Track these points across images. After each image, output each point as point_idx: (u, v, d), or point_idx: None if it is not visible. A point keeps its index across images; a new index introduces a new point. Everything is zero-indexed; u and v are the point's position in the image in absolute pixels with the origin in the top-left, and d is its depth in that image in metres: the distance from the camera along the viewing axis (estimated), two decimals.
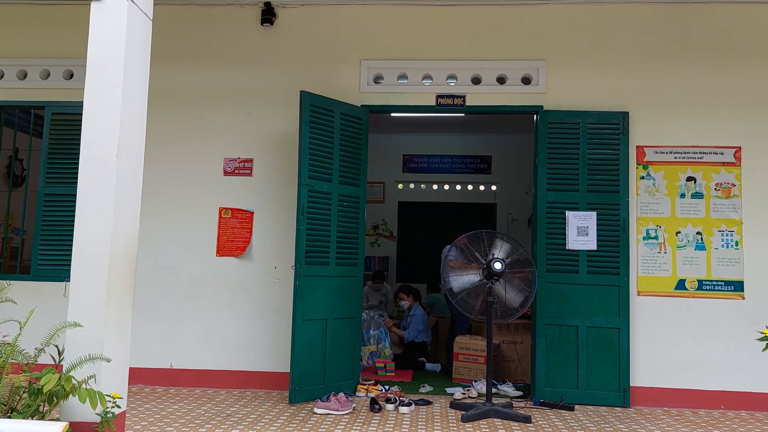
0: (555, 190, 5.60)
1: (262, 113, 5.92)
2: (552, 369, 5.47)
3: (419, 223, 10.46)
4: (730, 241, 5.50)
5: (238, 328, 5.76)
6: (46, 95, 5.96)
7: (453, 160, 10.31)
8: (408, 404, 5.04)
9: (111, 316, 3.66)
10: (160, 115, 5.82)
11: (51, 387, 3.19)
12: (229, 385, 5.69)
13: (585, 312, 5.47)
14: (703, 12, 5.71)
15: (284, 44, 5.97)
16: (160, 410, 4.83)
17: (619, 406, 5.34)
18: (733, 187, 5.55)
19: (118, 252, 3.72)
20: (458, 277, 5.19)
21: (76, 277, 3.65)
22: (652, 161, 5.64)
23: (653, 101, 5.68)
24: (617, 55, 5.76)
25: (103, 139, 3.72)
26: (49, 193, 5.76)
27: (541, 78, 5.77)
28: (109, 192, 3.69)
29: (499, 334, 6.45)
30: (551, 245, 5.56)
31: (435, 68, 5.86)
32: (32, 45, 6.06)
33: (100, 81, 3.75)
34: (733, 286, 5.46)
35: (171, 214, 5.87)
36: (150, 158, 5.62)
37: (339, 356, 5.45)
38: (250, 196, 5.87)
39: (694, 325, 5.47)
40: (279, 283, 5.74)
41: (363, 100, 5.84)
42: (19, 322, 3.37)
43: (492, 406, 4.90)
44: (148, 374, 5.74)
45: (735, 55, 5.67)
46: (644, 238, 5.57)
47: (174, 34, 5.97)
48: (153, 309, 5.79)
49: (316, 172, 5.34)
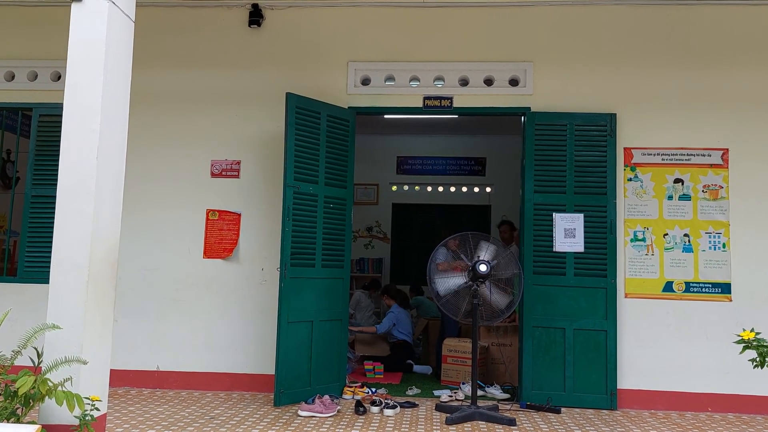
0: (542, 191, 5.59)
1: (250, 115, 5.91)
2: (539, 371, 5.45)
3: (413, 224, 10.46)
4: (718, 243, 5.49)
5: (225, 330, 5.75)
6: (33, 97, 5.97)
7: (447, 162, 10.30)
8: (393, 407, 5.03)
9: (91, 318, 3.64)
10: (147, 117, 5.84)
11: (27, 389, 3.18)
12: (216, 387, 5.68)
13: (572, 314, 5.46)
14: (691, 13, 5.71)
15: (272, 46, 5.97)
16: (144, 413, 4.82)
17: (606, 409, 5.32)
18: (721, 189, 5.54)
19: (98, 254, 3.71)
20: (444, 279, 5.18)
21: (56, 279, 3.64)
22: (639, 163, 5.63)
23: (641, 103, 5.67)
24: (605, 57, 5.75)
25: (83, 141, 3.70)
26: (36, 194, 5.77)
27: (529, 80, 5.76)
28: (89, 193, 3.68)
29: (487, 336, 6.44)
30: (538, 247, 5.55)
31: (422, 70, 5.86)
32: (19, 47, 6.06)
33: (80, 81, 3.74)
34: (721, 288, 5.44)
35: (158, 216, 5.86)
36: (137, 159, 5.69)
37: (325, 358, 5.44)
38: (237, 198, 5.86)
39: (682, 328, 5.45)
40: (266, 285, 5.73)
41: (350, 102, 5.83)
42: None
43: (477, 408, 4.88)
44: (135, 376, 5.73)
45: (722, 57, 5.66)
46: (632, 240, 5.56)
47: (161, 35, 5.97)
48: (139, 311, 5.78)
49: (302, 174, 5.33)
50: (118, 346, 5.46)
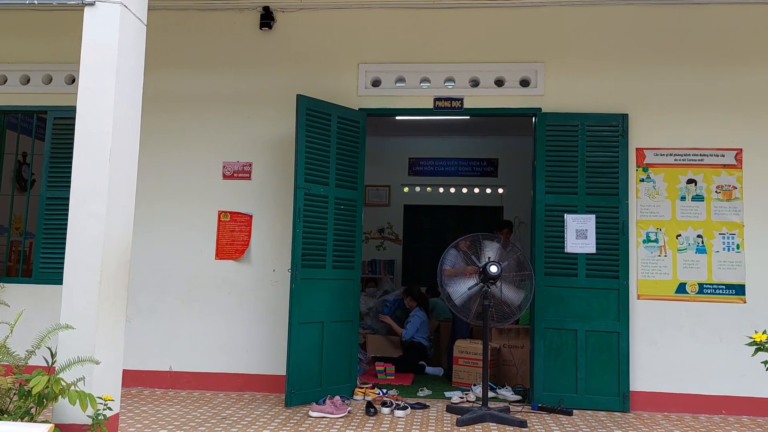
0: (553, 192, 5.57)
1: (262, 117, 5.94)
2: (550, 373, 5.42)
3: (425, 226, 10.45)
4: (732, 244, 5.44)
5: (237, 330, 5.78)
6: (48, 100, 6.04)
7: (459, 163, 10.28)
8: (404, 408, 5.03)
9: (103, 318, 3.68)
10: (159, 119, 5.89)
11: (40, 389, 3.22)
12: (228, 387, 5.71)
13: (584, 316, 5.43)
14: (703, 13, 5.66)
15: (283, 48, 6.00)
16: (156, 413, 4.86)
17: (619, 411, 5.29)
18: (734, 189, 5.48)
19: (110, 255, 3.75)
20: (454, 281, 5.17)
21: (69, 280, 3.69)
22: (652, 163, 5.59)
23: (653, 103, 5.63)
24: (616, 57, 5.72)
25: (96, 143, 3.74)
26: (51, 196, 5.84)
27: (540, 80, 5.74)
28: (101, 195, 3.72)
29: (499, 338, 6.42)
30: (550, 248, 5.52)
31: (433, 71, 5.86)
32: (35, 50, 6.14)
33: (92, 85, 3.78)
34: (735, 290, 5.39)
35: (170, 218, 5.91)
36: (150, 162, 5.75)
37: (336, 359, 5.46)
38: (249, 200, 5.89)
39: (695, 329, 5.40)
40: (277, 286, 5.75)
41: (361, 104, 5.85)
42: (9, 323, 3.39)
43: (488, 410, 4.86)
44: (148, 377, 5.78)
45: (735, 56, 5.61)
46: (644, 241, 5.52)
47: (174, 39, 6.03)
48: (152, 311, 5.83)
49: (313, 176, 5.35)
50: (131, 346, 5.50)
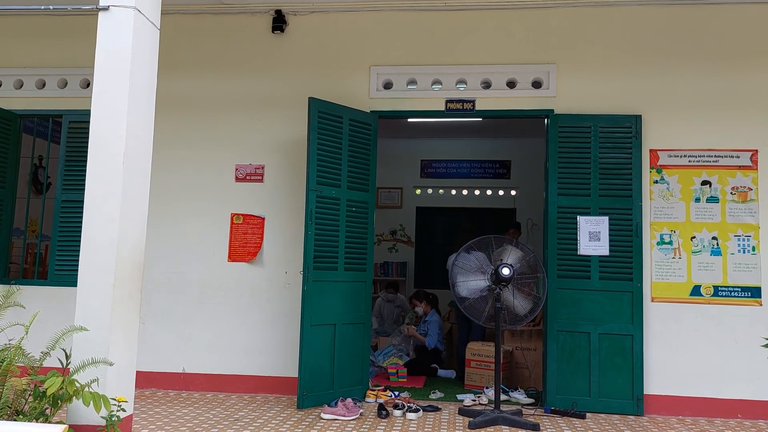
0: (566, 194, 5.54)
1: (274, 120, 5.97)
2: (563, 376, 5.40)
3: (437, 228, 10.42)
4: (747, 246, 5.38)
5: (249, 332, 5.81)
6: (63, 104, 6.11)
7: (471, 165, 10.25)
8: (416, 410, 5.02)
9: (117, 320, 3.71)
10: (172, 122, 5.94)
11: (55, 390, 3.25)
12: (240, 389, 5.73)
13: (597, 318, 5.40)
14: (716, 13, 5.61)
15: (295, 51, 6.02)
16: (169, 414, 4.89)
17: (632, 415, 5.25)
18: (750, 191, 5.43)
19: (124, 257, 3.78)
20: (466, 283, 5.16)
21: (83, 282, 3.72)
22: (665, 165, 5.55)
23: (667, 104, 5.59)
24: (629, 58, 5.68)
25: (110, 146, 3.78)
26: (66, 199, 5.90)
27: (552, 82, 5.72)
28: (115, 198, 3.75)
29: (512, 340, 6.40)
30: (562, 251, 5.50)
31: (444, 73, 5.85)
32: (50, 55, 6.22)
33: (107, 88, 3.81)
34: (750, 293, 5.33)
35: (183, 221, 5.95)
36: (163, 165, 5.79)
37: (348, 361, 5.46)
38: (261, 202, 5.92)
39: (710, 332, 5.35)
40: (289, 288, 5.77)
41: (372, 106, 5.86)
42: (24, 325, 3.43)
43: (500, 413, 4.85)
44: (162, 378, 5.82)
45: (750, 57, 5.56)
46: (658, 243, 5.48)
47: (186, 42, 6.08)
48: (166, 313, 5.88)
49: (325, 178, 5.37)
50: (144, 348, 5.56)
